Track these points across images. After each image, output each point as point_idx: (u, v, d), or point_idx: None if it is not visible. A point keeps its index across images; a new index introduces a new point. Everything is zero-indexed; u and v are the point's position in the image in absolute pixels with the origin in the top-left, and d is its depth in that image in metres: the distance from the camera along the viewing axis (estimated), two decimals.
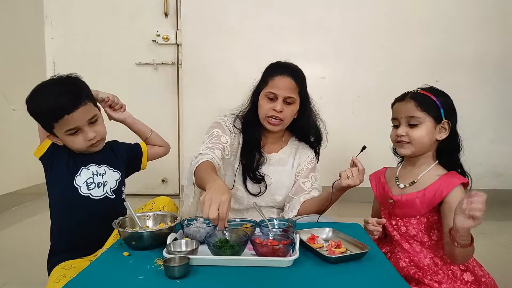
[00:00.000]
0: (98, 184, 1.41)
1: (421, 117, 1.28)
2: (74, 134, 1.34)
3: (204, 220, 1.21)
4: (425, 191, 1.28)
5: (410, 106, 1.30)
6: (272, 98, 1.53)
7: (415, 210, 1.30)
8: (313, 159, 1.70)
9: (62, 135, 1.34)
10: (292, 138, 1.72)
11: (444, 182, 1.27)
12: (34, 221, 2.74)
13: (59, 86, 1.33)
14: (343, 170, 1.43)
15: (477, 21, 3.14)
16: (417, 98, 1.30)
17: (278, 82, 1.53)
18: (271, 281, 0.93)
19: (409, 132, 1.30)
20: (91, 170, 1.41)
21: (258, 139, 1.62)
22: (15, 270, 1.89)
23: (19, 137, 3.05)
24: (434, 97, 1.30)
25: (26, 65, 3.21)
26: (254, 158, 1.59)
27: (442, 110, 1.29)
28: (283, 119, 1.55)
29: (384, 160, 1.53)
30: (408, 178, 1.36)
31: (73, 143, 1.35)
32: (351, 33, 3.20)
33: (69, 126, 1.31)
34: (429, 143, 1.30)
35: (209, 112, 1.70)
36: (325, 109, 1.72)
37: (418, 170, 1.35)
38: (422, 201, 1.28)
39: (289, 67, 1.59)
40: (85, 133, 1.34)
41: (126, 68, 3.38)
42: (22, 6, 3.15)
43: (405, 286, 0.92)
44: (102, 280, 0.94)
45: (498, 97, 3.16)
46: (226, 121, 1.64)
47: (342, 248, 1.09)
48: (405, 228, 1.32)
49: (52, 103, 1.29)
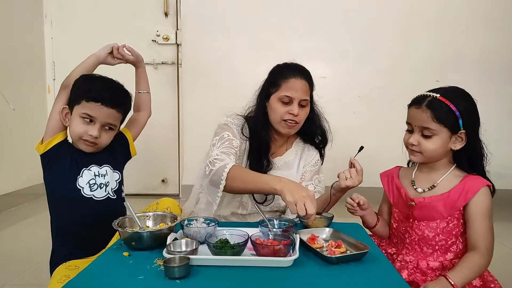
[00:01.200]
0: (101, 185, 1.41)
1: (436, 130, 1.21)
2: (85, 122, 1.35)
3: (204, 220, 1.21)
4: (450, 193, 1.24)
5: (425, 117, 1.21)
6: (287, 101, 1.47)
7: (437, 213, 1.25)
8: (317, 161, 1.66)
9: (77, 114, 1.36)
10: (297, 140, 1.68)
11: (469, 184, 1.22)
12: (32, 222, 2.74)
13: (117, 85, 1.44)
14: (341, 172, 1.41)
15: (481, 20, 3.13)
16: (434, 107, 1.20)
17: (293, 85, 1.47)
18: (271, 281, 0.92)
19: (421, 142, 1.24)
20: (93, 171, 1.41)
21: (267, 146, 1.56)
22: (13, 272, 1.88)
23: (18, 137, 3.05)
24: (453, 106, 1.19)
25: (25, 65, 3.21)
26: (262, 166, 1.54)
27: (461, 121, 1.20)
28: (299, 121, 1.51)
29: (384, 159, 1.53)
30: (425, 182, 1.31)
31: (76, 127, 1.36)
32: (353, 32, 3.19)
33: (89, 112, 1.34)
34: (442, 153, 1.25)
35: (210, 112, 1.69)
36: (327, 109, 1.72)
37: (436, 175, 1.29)
38: (445, 203, 1.24)
39: (302, 69, 1.55)
40: (93, 129, 1.35)
41: (126, 68, 3.36)
42: (21, 5, 3.14)
43: (406, 286, 0.92)
44: (102, 280, 0.94)
45: (503, 97, 3.14)
46: (234, 123, 1.57)
47: (342, 248, 1.09)
48: (421, 231, 1.28)
49: (101, 87, 1.38)
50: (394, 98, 3.15)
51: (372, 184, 1.60)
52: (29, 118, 3.18)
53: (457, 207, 1.23)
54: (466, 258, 1.19)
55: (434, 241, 1.26)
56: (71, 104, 1.39)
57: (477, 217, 1.20)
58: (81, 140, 1.37)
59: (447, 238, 1.26)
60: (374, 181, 1.52)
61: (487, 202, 1.22)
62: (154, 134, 2.94)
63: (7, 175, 2.97)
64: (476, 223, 1.20)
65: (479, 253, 1.18)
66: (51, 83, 3.46)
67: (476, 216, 1.20)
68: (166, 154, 3.43)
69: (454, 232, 1.25)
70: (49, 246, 1.43)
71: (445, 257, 1.26)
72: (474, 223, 1.21)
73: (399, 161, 1.47)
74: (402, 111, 1.38)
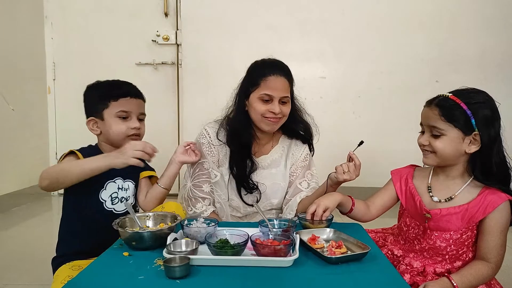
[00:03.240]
0: (121, 199, 1.42)
1: (443, 129, 1.16)
2: (123, 119, 1.38)
3: (204, 220, 1.21)
4: (468, 206, 1.18)
5: (433, 115, 1.17)
6: (267, 100, 1.46)
7: (452, 225, 1.20)
8: (307, 156, 1.64)
9: (111, 117, 1.37)
10: (282, 136, 1.66)
11: (489, 198, 1.17)
12: (34, 222, 2.75)
13: (124, 81, 1.46)
14: (339, 165, 1.39)
15: (478, 20, 3.14)
16: (443, 106, 1.16)
17: (273, 83, 1.45)
18: (271, 281, 0.92)
19: (431, 141, 1.19)
20: (117, 184, 1.41)
21: (249, 146, 1.55)
22: (15, 272, 1.89)
23: (19, 137, 3.05)
24: (465, 105, 1.13)
25: (26, 65, 3.21)
26: (246, 166, 1.54)
27: (474, 121, 1.13)
28: (281, 117, 1.50)
29: (384, 159, 1.53)
30: (443, 191, 1.25)
31: (116, 128, 1.38)
32: (352, 32, 3.20)
33: (123, 108, 1.37)
34: (455, 155, 1.19)
35: (209, 112, 1.68)
36: (326, 109, 1.72)
37: (453, 184, 1.24)
38: (463, 216, 1.19)
39: (281, 66, 1.51)
40: (132, 121, 1.39)
41: (126, 68, 3.38)
42: (22, 6, 3.15)
43: (406, 286, 0.92)
44: (102, 280, 0.94)
45: (500, 96, 3.13)
46: (206, 136, 1.56)
47: (343, 249, 1.09)
48: (433, 241, 1.23)
49: (119, 83, 1.43)
50: (394, 98, 3.16)
51: (372, 184, 1.60)
52: (30, 118, 3.19)
53: (474, 220, 1.18)
54: (474, 266, 1.17)
55: (445, 251, 1.22)
56: (94, 113, 1.39)
57: (493, 231, 1.17)
58: (126, 137, 1.38)
59: (458, 249, 1.22)
60: (374, 181, 1.52)
61: (506, 217, 1.18)
62: (154, 134, 2.94)
63: (9, 175, 2.97)
64: (490, 236, 1.17)
65: (488, 266, 1.16)
66: (51, 84, 3.47)
67: (492, 230, 1.17)
68: (166, 155, 3.42)
69: (466, 243, 1.22)
70: (50, 246, 1.43)
71: (453, 265, 1.23)
72: (488, 235, 1.17)
73: (399, 161, 1.47)
74: (402, 111, 1.38)
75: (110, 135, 1.40)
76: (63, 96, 3.45)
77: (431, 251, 1.24)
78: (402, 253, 1.31)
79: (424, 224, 1.25)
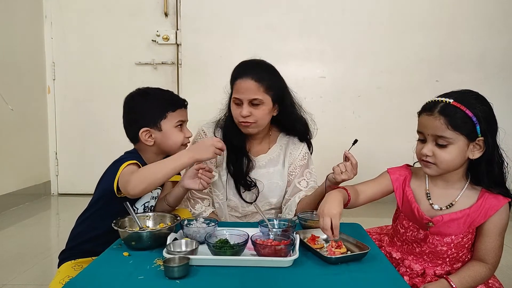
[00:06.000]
0: (151, 208, 1.42)
1: (451, 138, 1.10)
2: (179, 128, 1.41)
3: (204, 220, 1.21)
4: (470, 210, 1.17)
5: (439, 124, 1.11)
6: (238, 103, 1.48)
7: (454, 230, 1.19)
8: (305, 155, 1.63)
9: (170, 127, 1.39)
10: (280, 135, 1.66)
11: (489, 202, 1.16)
12: (33, 222, 2.74)
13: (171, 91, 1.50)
14: (336, 165, 1.38)
15: (478, 20, 3.14)
16: (449, 114, 1.10)
17: (240, 86, 1.47)
18: (271, 281, 0.92)
19: (436, 152, 1.13)
20: (152, 193, 1.41)
21: (242, 145, 1.57)
22: (13, 272, 1.88)
23: (19, 137, 3.05)
24: (469, 111, 1.10)
25: (25, 65, 3.21)
26: (242, 164, 1.55)
27: (479, 127, 1.10)
28: (255, 121, 1.48)
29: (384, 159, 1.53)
30: (442, 198, 1.22)
31: (176, 137, 1.40)
32: (351, 32, 3.20)
33: (182, 118, 1.42)
34: (460, 163, 1.15)
35: (209, 111, 1.68)
36: (326, 109, 1.71)
37: (453, 190, 1.21)
38: (465, 221, 1.18)
39: (249, 67, 1.52)
40: (186, 130, 1.44)
41: (126, 68, 3.38)
42: (21, 6, 3.14)
43: (405, 286, 0.92)
44: (102, 280, 0.94)
45: (500, 96, 3.15)
46: (203, 136, 1.60)
47: (343, 249, 1.08)
48: (434, 245, 1.22)
49: (171, 93, 1.47)
50: (394, 98, 3.16)
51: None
52: (29, 118, 3.18)
53: (475, 224, 1.18)
54: (472, 267, 1.17)
55: (446, 254, 1.22)
56: (150, 124, 1.37)
57: (492, 233, 1.17)
58: (180, 147, 1.41)
59: (459, 251, 1.21)
60: None
61: (505, 220, 1.17)
62: None
63: (8, 175, 2.97)
64: (489, 238, 1.17)
65: (486, 267, 1.17)
66: (51, 84, 3.46)
67: (491, 233, 1.17)
68: None
69: (466, 245, 1.21)
70: (49, 246, 1.43)
71: (453, 266, 1.22)
72: (487, 237, 1.17)
73: (399, 160, 1.47)
74: (402, 111, 1.38)
75: (167, 145, 1.39)
76: (63, 95, 3.44)
77: (432, 254, 1.23)
78: (400, 255, 1.30)
79: (426, 231, 1.23)
